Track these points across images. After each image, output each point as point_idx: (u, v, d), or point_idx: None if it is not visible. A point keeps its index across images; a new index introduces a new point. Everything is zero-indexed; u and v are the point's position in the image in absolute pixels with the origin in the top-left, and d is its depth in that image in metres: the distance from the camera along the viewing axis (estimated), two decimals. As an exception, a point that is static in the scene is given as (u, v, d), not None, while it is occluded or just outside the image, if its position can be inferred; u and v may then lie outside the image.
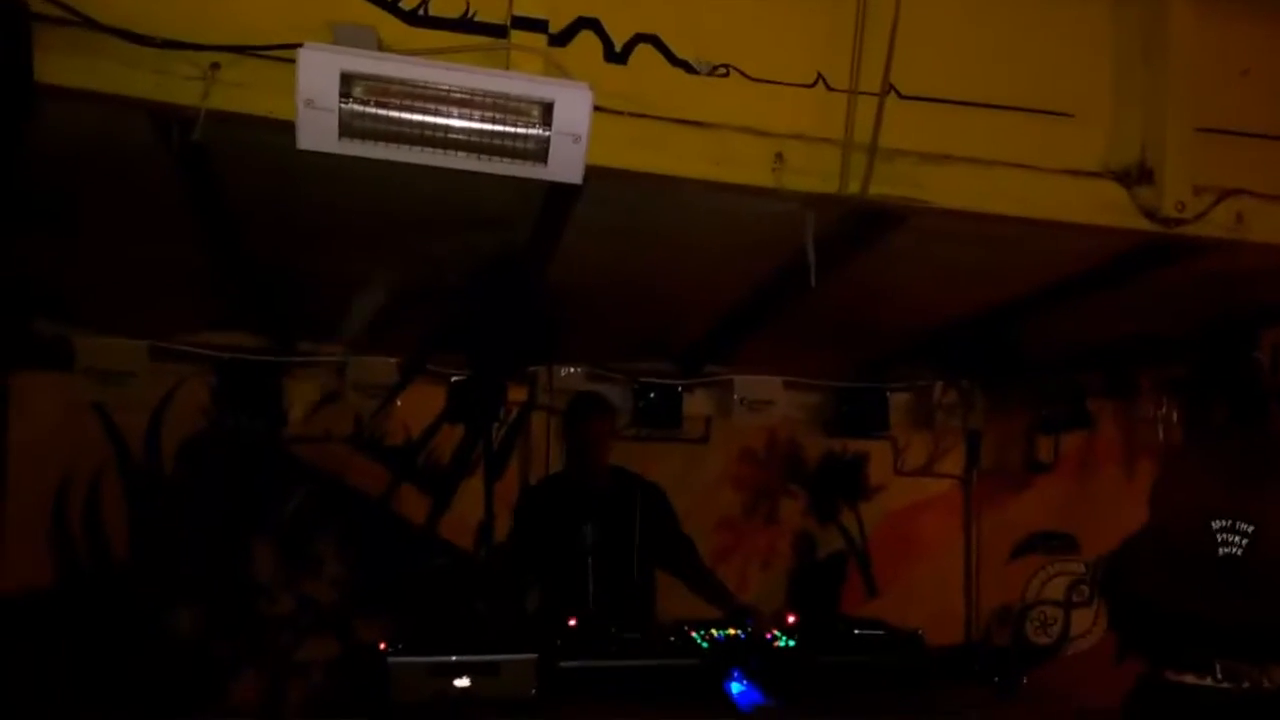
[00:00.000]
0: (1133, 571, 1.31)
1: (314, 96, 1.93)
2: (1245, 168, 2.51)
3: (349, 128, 1.97)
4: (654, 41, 2.27)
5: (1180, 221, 2.44)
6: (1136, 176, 2.47)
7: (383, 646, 2.74)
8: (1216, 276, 2.89)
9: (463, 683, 2.65)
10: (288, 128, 1.96)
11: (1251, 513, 1.20)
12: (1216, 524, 1.22)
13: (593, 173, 2.10)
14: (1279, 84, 2.58)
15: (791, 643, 3.12)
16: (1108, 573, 3.36)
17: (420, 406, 4.52)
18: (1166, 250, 2.66)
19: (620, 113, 2.19)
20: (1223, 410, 3.88)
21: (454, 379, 4.40)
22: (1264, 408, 3.62)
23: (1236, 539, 1.20)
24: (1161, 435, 4.29)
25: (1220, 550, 1.21)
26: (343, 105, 1.94)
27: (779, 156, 2.29)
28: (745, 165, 2.29)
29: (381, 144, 2.00)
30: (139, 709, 4.08)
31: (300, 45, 1.91)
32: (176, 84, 1.99)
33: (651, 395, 4.61)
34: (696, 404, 4.74)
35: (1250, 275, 2.91)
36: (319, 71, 1.92)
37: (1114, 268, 2.90)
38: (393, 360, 4.38)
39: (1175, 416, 4.23)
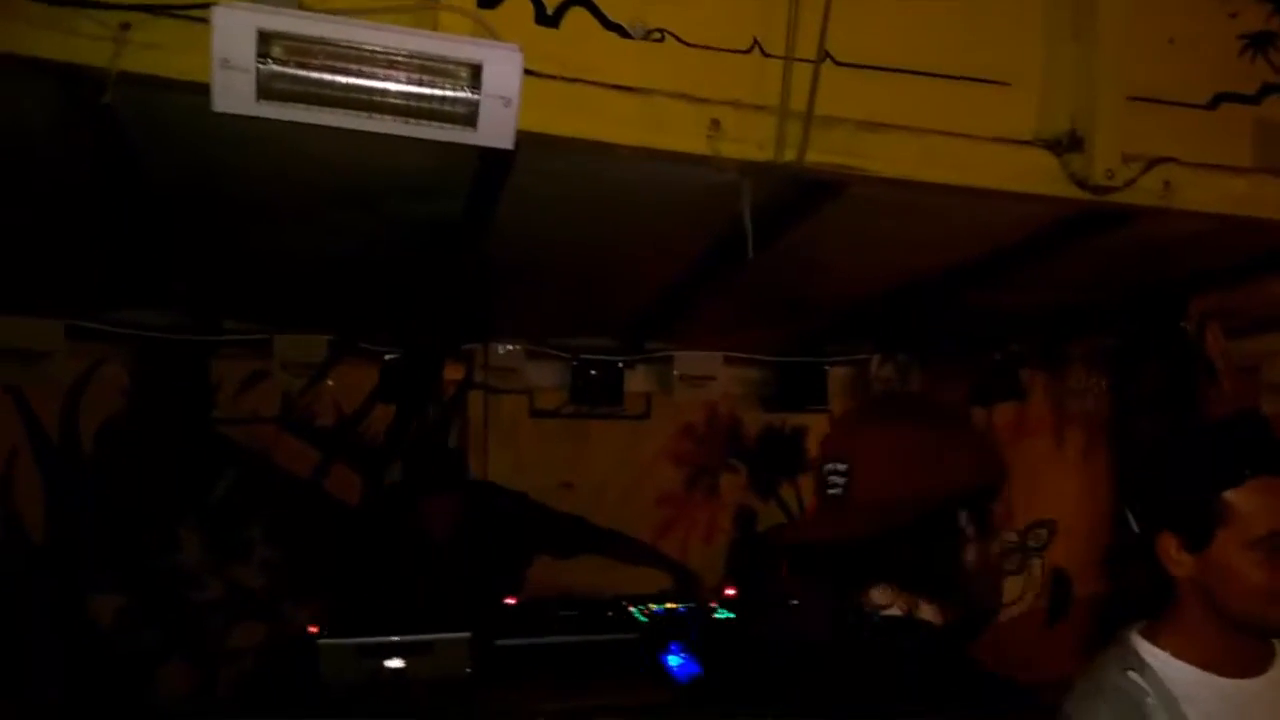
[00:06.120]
0: None
1: (230, 56, 1.83)
2: (1172, 136, 2.53)
3: (268, 89, 1.87)
4: (587, 4, 2.21)
5: (1109, 189, 2.45)
6: (1067, 144, 2.47)
7: (313, 629, 2.68)
8: (1145, 245, 2.93)
9: (395, 663, 2.60)
10: (204, 90, 1.87)
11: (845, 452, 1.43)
12: (826, 466, 1.42)
13: (525, 139, 2.04)
14: (1203, 52, 2.62)
15: (730, 615, 3.13)
16: None
17: (353, 385, 4.42)
18: (1096, 218, 2.68)
19: (552, 77, 2.13)
20: (1150, 380, 3.98)
21: (387, 357, 4.31)
22: (1191, 376, 3.72)
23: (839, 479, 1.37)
24: (1091, 405, 4.37)
25: (828, 491, 1.42)
26: (260, 66, 1.84)
27: (714, 123, 2.24)
28: (680, 132, 2.23)
29: (302, 106, 1.90)
30: (62, 701, 3.96)
31: (215, 3, 1.82)
32: (85, 45, 1.87)
33: (592, 372, 4.58)
34: (637, 380, 4.73)
35: (1177, 243, 2.96)
36: (235, 30, 1.82)
37: (1045, 236, 2.93)
38: (323, 338, 4.28)
39: (1104, 387, 4.32)
